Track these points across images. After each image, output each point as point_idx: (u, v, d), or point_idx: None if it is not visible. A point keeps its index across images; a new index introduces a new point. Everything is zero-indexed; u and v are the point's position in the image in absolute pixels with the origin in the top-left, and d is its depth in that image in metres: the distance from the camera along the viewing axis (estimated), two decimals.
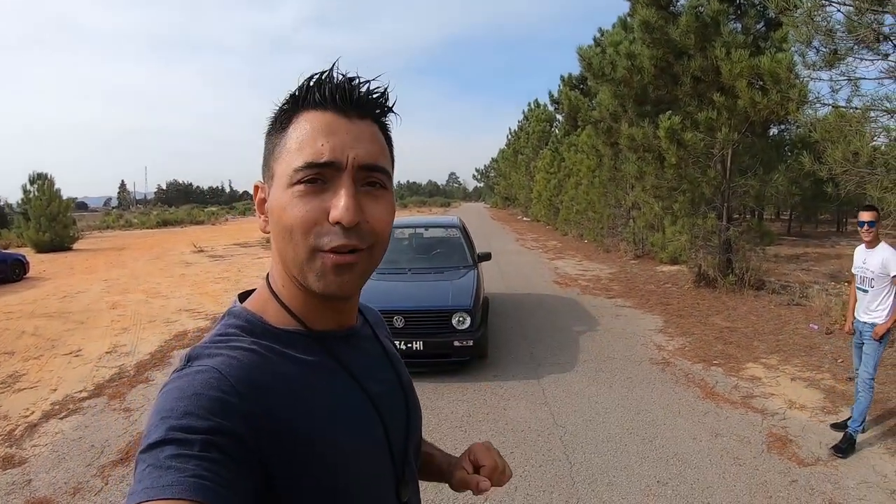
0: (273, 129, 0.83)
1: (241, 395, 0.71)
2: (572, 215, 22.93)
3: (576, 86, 22.77)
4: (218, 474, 0.62)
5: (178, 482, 0.59)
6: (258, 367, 0.76)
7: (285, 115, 0.82)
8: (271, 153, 0.82)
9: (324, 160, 0.76)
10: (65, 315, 10.64)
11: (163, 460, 0.61)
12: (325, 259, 0.76)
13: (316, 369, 0.82)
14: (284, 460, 0.72)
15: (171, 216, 50.83)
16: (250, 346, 0.79)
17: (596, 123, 13.76)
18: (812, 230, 27.65)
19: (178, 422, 0.65)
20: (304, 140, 0.77)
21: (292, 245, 0.77)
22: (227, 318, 0.86)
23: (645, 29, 10.33)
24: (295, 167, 0.76)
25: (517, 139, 49.65)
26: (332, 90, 0.79)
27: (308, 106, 0.80)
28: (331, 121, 0.78)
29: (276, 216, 0.79)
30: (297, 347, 0.82)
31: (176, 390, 0.70)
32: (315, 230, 0.76)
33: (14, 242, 28.16)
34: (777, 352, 6.87)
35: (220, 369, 0.72)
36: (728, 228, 10.67)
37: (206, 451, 0.63)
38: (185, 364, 0.75)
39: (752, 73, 8.49)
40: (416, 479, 1.03)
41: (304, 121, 0.79)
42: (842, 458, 4.23)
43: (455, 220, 9.10)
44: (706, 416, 5.05)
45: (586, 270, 14.56)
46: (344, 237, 0.75)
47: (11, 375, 6.97)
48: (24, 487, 4.23)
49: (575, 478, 4.07)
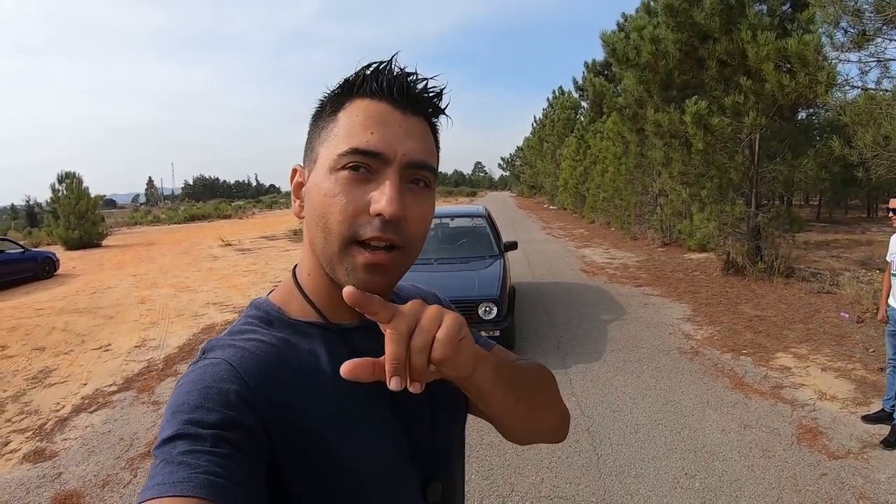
0: (322, 112, 0.82)
1: (250, 387, 0.71)
2: (599, 203, 22.76)
3: (600, 72, 22.51)
4: (229, 469, 0.62)
5: (189, 479, 0.59)
6: (270, 359, 0.75)
7: (337, 99, 0.80)
8: (317, 136, 0.81)
9: (371, 149, 0.74)
10: (94, 310, 10.83)
11: (175, 456, 0.61)
12: (358, 256, 0.74)
13: (331, 362, 0.79)
14: (294, 453, 0.72)
15: (198, 211, 51.52)
16: (264, 337, 0.79)
17: (621, 110, 13.59)
18: (842, 216, 27.09)
19: (189, 416, 0.65)
20: (354, 126, 0.76)
21: (325, 233, 0.76)
22: (248, 310, 0.86)
23: (669, 12, 10.15)
24: (340, 152, 0.75)
25: (542, 127, 49.45)
26: (390, 82, 0.77)
27: (363, 94, 0.78)
28: (385, 111, 0.77)
29: (315, 200, 0.78)
30: (312, 339, 0.81)
31: (188, 384, 0.70)
32: (354, 220, 0.74)
33: (44, 240, 28.88)
34: (807, 341, 6.72)
35: (231, 361, 0.73)
36: (757, 215, 10.47)
37: (218, 446, 0.63)
38: (199, 357, 0.76)
39: (779, 56, 8.32)
40: (456, 476, 0.98)
41: (357, 108, 0.77)
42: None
43: (481, 210, 9.05)
44: (735, 407, 4.96)
45: (613, 258, 14.44)
46: (382, 230, 0.73)
47: (42, 371, 7.13)
48: (54, 480, 4.32)
49: (602, 469, 4.03)
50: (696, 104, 9.80)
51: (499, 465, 4.19)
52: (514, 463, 4.20)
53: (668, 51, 10.70)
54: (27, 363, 7.54)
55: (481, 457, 4.31)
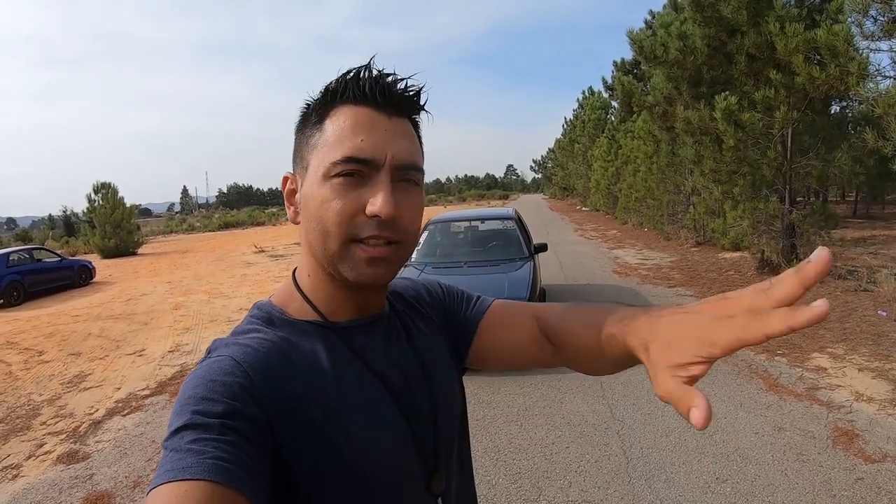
0: (307, 121, 0.85)
1: (254, 380, 0.73)
2: (631, 203, 22.51)
3: (629, 71, 22.33)
4: (237, 456, 0.64)
5: (197, 464, 0.61)
6: (272, 355, 0.78)
7: (322, 108, 0.83)
8: (306, 144, 0.84)
9: (363, 156, 0.78)
10: (129, 317, 11.07)
11: (183, 445, 0.63)
12: (359, 251, 0.79)
13: (329, 359, 0.82)
14: (298, 445, 0.74)
15: (232, 219, 52.46)
16: (266, 335, 0.81)
17: (651, 108, 13.44)
18: (879, 211, 26.12)
19: (196, 407, 0.67)
20: (342, 134, 0.79)
21: (326, 236, 0.79)
22: (251, 311, 0.89)
23: (695, 7, 9.98)
24: (333, 160, 0.78)
25: (573, 128, 49.21)
26: (371, 86, 0.80)
27: (346, 100, 0.81)
28: (369, 116, 0.80)
29: (311, 207, 0.81)
30: (312, 337, 0.84)
31: (194, 379, 0.72)
32: (352, 222, 0.78)
33: (81, 249, 29.67)
34: (843, 340, 6.53)
35: (235, 357, 0.75)
36: (791, 212, 10.22)
37: (224, 434, 0.65)
38: (205, 356, 0.79)
39: (809, 48, 8.10)
40: (462, 469, 1.01)
41: (342, 114, 0.80)
42: None
43: (510, 212, 8.98)
44: (769, 410, 4.84)
45: (647, 259, 14.25)
46: (379, 229, 0.78)
47: (78, 375, 7.32)
48: (86, 481, 4.45)
49: (632, 474, 3.96)
50: (725, 100, 9.60)
51: (526, 468, 4.14)
52: (542, 466, 4.15)
53: (696, 46, 10.55)
54: (63, 368, 7.75)
55: (509, 461, 4.27)
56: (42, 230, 56.63)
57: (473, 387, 5.68)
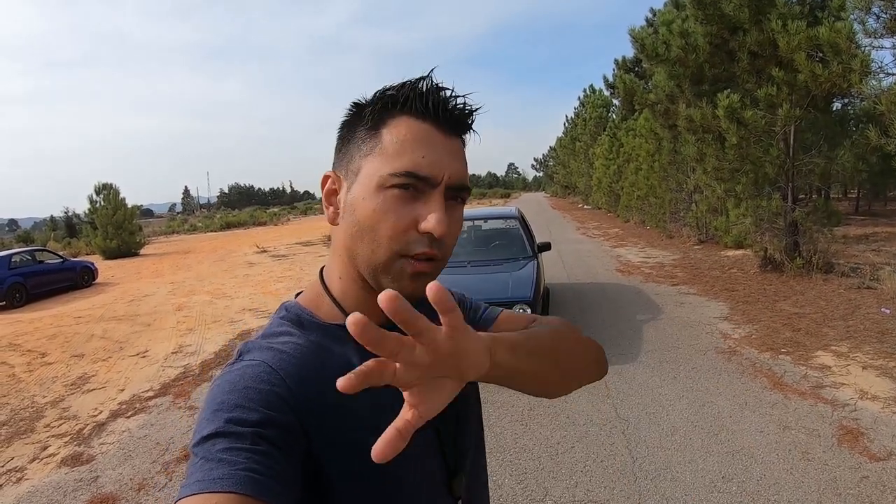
0: (358, 122, 0.84)
1: (290, 388, 0.74)
2: (633, 201, 22.50)
3: (630, 69, 22.25)
4: (269, 467, 0.64)
5: (230, 475, 0.60)
6: (306, 361, 0.78)
7: (379, 113, 0.81)
8: (357, 148, 0.83)
9: (423, 174, 0.77)
10: (132, 318, 11.07)
11: (215, 453, 0.63)
12: (406, 265, 0.79)
13: (363, 362, 0.79)
14: (331, 452, 0.75)
15: (234, 219, 52.47)
16: (299, 340, 0.82)
17: (652, 106, 13.38)
18: (881, 208, 26.06)
19: (229, 414, 0.67)
20: (402, 147, 0.78)
21: (373, 245, 0.79)
22: (279, 313, 0.89)
23: (697, 4, 9.95)
24: (392, 171, 0.77)
25: (574, 126, 49.22)
26: (434, 102, 0.80)
27: (407, 112, 0.80)
28: (430, 133, 0.80)
29: (360, 214, 0.80)
30: (344, 341, 0.83)
31: (227, 384, 0.72)
32: (403, 236, 0.78)
33: (83, 250, 29.76)
34: (847, 338, 6.51)
35: (271, 363, 0.76)
36: (794, 209, 10.19)
37: (257, 444, 0.65)
38: (236, 358, 0.79)
39: (811, 45, 8.08)
40: (479, 468, 1.03)
41: (402, 126, 0.80)
42: None
43: (513, 211, 8.98)
44: (774, 408, 4.83)
45: (649, 257, 14.24)
46: (429, 246, 0.78)
47: (81, 377, 7.32)
48: (90, 484, 4.44)
49: (637, 473, 3.96)
50: (728, 98, 9.56)
51: (532, 468, 4.14)
52: (548, 466, 4.15)
53: (698, 44, 10.51)
54: (66, 370, 7.75)
55: (514, 460, 4.26)
56: (44, 231, 56.71)
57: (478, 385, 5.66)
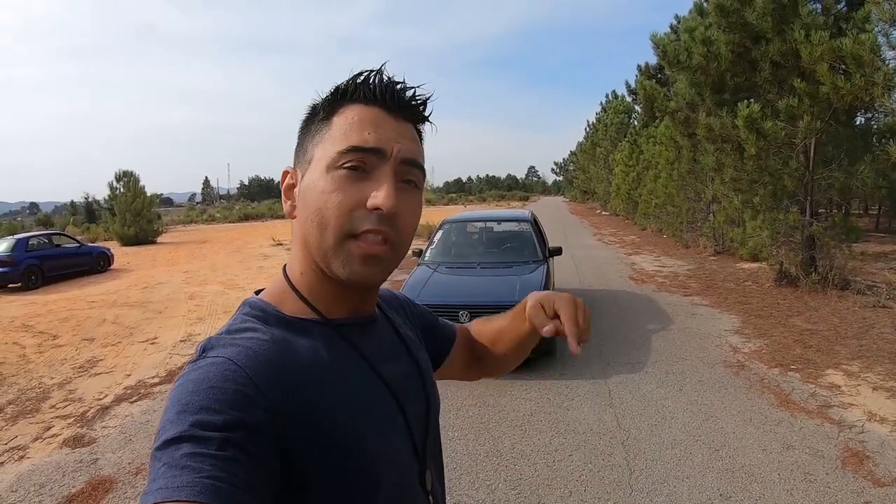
0: (313, 117, 0.86)
1: (257, 386, 0.70)
2: (651, 209, 22.33)
3: (653, 75, 22.18)
4: (234, 474, 0.61)
5: (193, 483, 0.58)
6: (273, 356, 0.75)
7: (330, 105, 0.84)
8: (310, 139, 0.85)
9: (369, 146, 0.79)
10: (144, 304, 11.18)
11: (178, 459, 0.60)
12: (353, 248, 0.78)
13: (331, 357, 0.81)
14: (307, 448, 0.72)
15: (252, 211, 52.86)
16: (264, 335, 0.79)
17: (673, 113, 13.28)
18: None
19: (194, 417, 0.64)
20: (350, 128, 0.80)
21: (323, 228, 0.79)
22: (242, 309, 0.86)
23: (720, 12, 9.87)
24: (339, 150, 0.79)
25: (595, 131, 49.02)
26: (381, 89, 0.83)
27: (355, 100, 0.83)
28: (377, 115, 0.82)
29: (310, 199, 0.81)
30: (311, 335, 0.82)
31: (191, 383, 0.69)
32: (351, 216, 0.78)
33: (101, 236, 30.07)
34: (859, 357, 6.39)
35: (236, 360, 0.72)
36: (812, 223, 10.03)
37: (223, 450, 0.62)
38: (199, 355, 0.75)
39: (834, 57, 7.95)
40: (440, 465, 1.04)
41: (351, 111, 0.82)
42: None
43: (526, 214, 8.96)
44: (779, 426, 4.74)
45: (664, 266, 14.11)
46: (378, 223, 0.78)
47: (90, 361, 7.41)
48: (90, 466, 4.50)
49: (633, 486, 3.90)
50: (748, 107, 9.44)
51: (528, 474, 4.10)
52: (543, 473, 4.11)
53: (720, 52, 10.40)
54: (76, 353, 7.85)
55: (510, 465, 4.23)
56: (64, 216, 57.25)
57: (479, 389, 5.65)
